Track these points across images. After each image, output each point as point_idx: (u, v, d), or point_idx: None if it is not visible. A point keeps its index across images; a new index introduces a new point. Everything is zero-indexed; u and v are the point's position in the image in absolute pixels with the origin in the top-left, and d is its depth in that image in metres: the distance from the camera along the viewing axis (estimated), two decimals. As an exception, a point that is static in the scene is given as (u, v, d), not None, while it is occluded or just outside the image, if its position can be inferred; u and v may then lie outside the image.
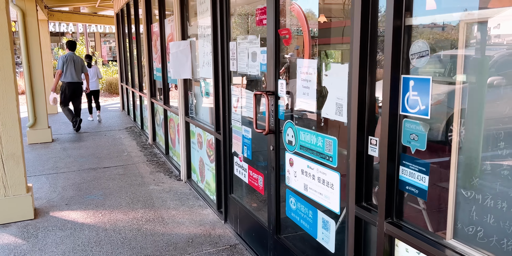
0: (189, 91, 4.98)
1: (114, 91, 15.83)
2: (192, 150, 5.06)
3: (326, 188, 2.31)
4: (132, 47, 9.46)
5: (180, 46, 4.67)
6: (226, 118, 3.70)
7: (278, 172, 2.89)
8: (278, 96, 2.76)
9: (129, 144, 7.52)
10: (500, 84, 1.45)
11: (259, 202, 3.57)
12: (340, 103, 2.13)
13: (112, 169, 5.86)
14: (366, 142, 1.96)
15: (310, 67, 2.37)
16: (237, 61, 3.41)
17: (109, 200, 4.60)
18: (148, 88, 7.19)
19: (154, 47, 6.70)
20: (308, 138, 2.45)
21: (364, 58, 1.90)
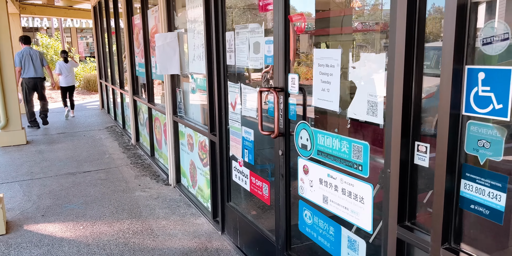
0: (177, 88, 4.56)
1: (92, 88, 15.17)
2: (181, 152, 4.64)
3: (354, 201, 1.95)
4: (112, 42, 8.93)
5: (167, 38, 4.23)
6: (223, 117, 3.30)
7: (289, 181, 2.52)
8: (288, 93, 2.38)
9: (110, 145, 7.03)
10: None
11: (264, 212, 3.20)
12: (374, 101, 1.76)
13: (93, 173, 5.39)
14: (412, 149, 1.60)
15: (331, 58, 2.00)
16: (235, 53, 3.01)
17: (91, 210, 4.15)
18: (130, 85, 6.71)
19: (136, 41, 6.23)
20: (329, 142, 2.08)
21: (410, 44, 1.53)
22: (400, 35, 1.54)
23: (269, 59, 2.55)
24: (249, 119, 2.96)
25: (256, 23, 2.75)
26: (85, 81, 15.50)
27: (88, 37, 32.37)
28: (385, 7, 1.83)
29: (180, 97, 4.52)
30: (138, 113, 6.79)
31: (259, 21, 2.78)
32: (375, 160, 1.86)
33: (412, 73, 1.56)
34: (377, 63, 1.73)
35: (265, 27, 2.64)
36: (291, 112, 2.39)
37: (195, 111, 4.22)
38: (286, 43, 2.35)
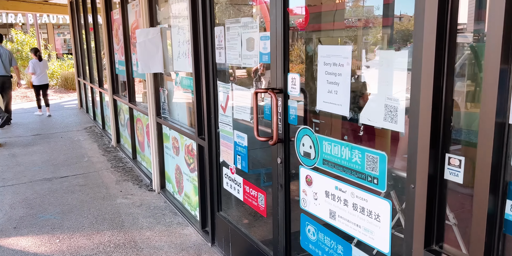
0: (161, 87, 4.26)
1: (70, 86, 14.64)
2: (166, 156, 4.36)
3: (368, 219, 1.72)
4: (90, 38, 8.52)
5: (149, 34, 3.93)
6: (212, 120, 3.03)
7: (288, 192, 2.27)
8: (288, 95, 2.14)
9: (89, 147, 6.67)
10: None
11: (259, 224, 2.95)
12: (393, 106, 1.53)
13: (70, 179, 5.05)
14: (442, 162, 1.38)
15: (340, 56, 1.76)
16: (226, 50, 2.75)
17: (68, 220, 3.83)
18: (110, 84, 6.36)
19: (115, 37, 5.88)
20: (337, 150, 1.84)
21: (441, 38, 1.30)
22: (429, 27, 1.30)
23: (265, 57, 2.30)
24: (242, 123, 2.71)
25: (249, 17, 2.49)
26: (63, 79, 14.94)
27: (65, 34, 31.46)
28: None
29: (164, 97, 4.23)
30: (118, 113, 6.45)
31: (253, 14, 2.53)
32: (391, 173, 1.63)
33: (443, 73, 1.33)
34: (399, 61, 1.49)
35: (259, 21, 2.38)
36: (291, 116, 2.15)
37: (181, 112, 3.93)
38: (285, 39, 2.10)
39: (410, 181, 1.47)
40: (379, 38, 1.91)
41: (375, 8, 1.88)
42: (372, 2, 1.88)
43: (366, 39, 1.92)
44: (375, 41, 1.87)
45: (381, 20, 1.84)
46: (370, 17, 1.89)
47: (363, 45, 1.81)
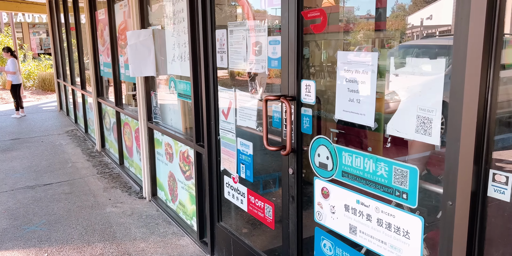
0: (153, 91, 4.10)
1: (48, 88, 14.19)
2: (157, 163, 4.19)
3: (395, 235, 1.63)
4: (71, 38, 8.24)
5: (140, 36, 3.77)
6: (212, 127, 2.90)
7: (301, 204, 2.17)
8: (301, 103, 2.03)
9: (72, 152, 6.42)
10: None
11: (264, 236, 2.84)
12: (427, 117, 1.44)
13: (55, 186, 4.82)
14: (485, 179, 1.29)
15: (364, 63, 1.66)
16: (228, 54, 2.62)
17: (56, 232, 3.63)
18: (94, 86, 6.13)
19: (101, 38, 5.67)
20: (359, 162, 1.74)
21: (488, 42, 1.21)
22: (476, 29, 1.21)
23: (275, 62, 2.19)
24: (246, 130, 2.59)
25: (233, 17, 2.38)
26: (40, 80, 14.47)
27: (41, 33, 30.63)
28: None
29: (156, 101, 4.06)
30: (103, 117, 6.23)
31: (237, 15, 2.41)
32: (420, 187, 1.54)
33: (488, 81, 1.24)
34: (435, 69, 1.40)
35: (268, 24, 2.27)
36: (304, 125, 2.04)
37: (175, 117, 3.78)
38: (299, 44, 1.99)
39: (447, 198, 1.38)
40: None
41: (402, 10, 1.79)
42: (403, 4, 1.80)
43: (391, 44, 1.82)
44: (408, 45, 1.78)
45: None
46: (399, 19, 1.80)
47: (391, 52, 1.72)
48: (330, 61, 2.38)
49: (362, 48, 1.97)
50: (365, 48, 2.00)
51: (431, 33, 1.82)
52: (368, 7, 2.05)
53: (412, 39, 1.76)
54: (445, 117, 1.38)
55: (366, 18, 2.17)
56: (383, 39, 1.90)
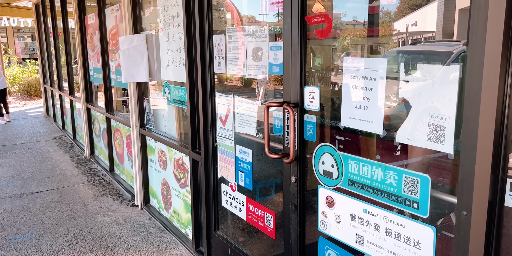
0: (145, 97, 4.02)
1: (34, 93, 13.95)
2: (150, 170, 4.11)
3: (405, 246, 1.59)
4: (58, 43, 8.10)
5: (133, 41, 3.70)
6: (209, 134, 2.84)
7: (304, 213, 2.12)
8: (304, 109, 1.99)
9: (61, 159, 6.28)
10: None
11: (264, 245, 2.77)
12: (440, 125, 1.40)
13: (43, 194, 4.69)
14: (502, 188, 1.26)
15: (372, 69, 1.63)
16: (227, 60, 2.58)
17: (46, 242, 3.51)
18: (83, 92, 6.02)
19: (90, 43, 5.58)
20: (366, 171, 1.70)
21: (507, 47, 1.19)
22: (494, 34, 1.18)
23: (276, 68, 2.14)
24: (245, 137, 2.54)
25: (256, 25, 2.34)
26: (26, 85, 14.21)
27: (25, 37, 30.22)
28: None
29: (149, 107, 3.99)
30: (92, 123, 6.12)
31: (260, 22, 2.37)
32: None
33: (506, 87, 1.21)
34: (448, 75, 1.37)
35: (269, 29, 2.23)
36: (308, 132, 2.00)
37: (169, 124, 3.71)
38: (302, 49, 1.95)
39: (462, 208, 1.34)
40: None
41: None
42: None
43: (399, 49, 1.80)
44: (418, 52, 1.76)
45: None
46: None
47: (402, 58, 1.69)
48: (332, 66, 2.35)
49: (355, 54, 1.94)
50: (352, 53, 1.98)
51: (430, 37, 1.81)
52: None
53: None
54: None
55: (361, 24, 2.15)
56: (390, 44, 1.88)
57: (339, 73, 2.26)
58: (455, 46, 1.84)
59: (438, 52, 1.73)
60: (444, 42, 1.91)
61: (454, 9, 1.82)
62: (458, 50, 1.62)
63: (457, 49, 1.66)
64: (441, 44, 1.90)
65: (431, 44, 1.99)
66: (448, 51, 1.67)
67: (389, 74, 1.59)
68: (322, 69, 2.51)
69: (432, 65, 1.44)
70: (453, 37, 1.90)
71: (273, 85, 3.03)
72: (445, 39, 1.92)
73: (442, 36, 1.91)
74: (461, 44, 1.86)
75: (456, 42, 1.89)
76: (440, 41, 1.92)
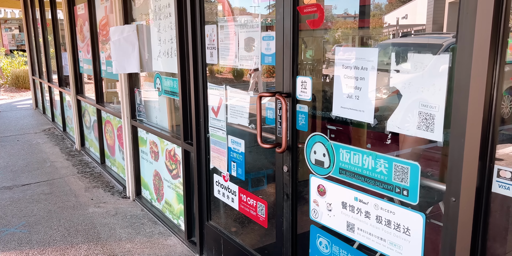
0: (136, 88, 4.00)
1: (22, 85, 13.77)
2: (142, 161, 4.11)
3: (395, 232, 1.62)
4: (47, 34, 7.99)
5: (124, 31, 3.67)
6: (201, 125, 2.85)
7: (296, 202, 2.14)
8: (296, 99, 2.00)
9: (51, 151, 6.24)
10: None
11: (255, 235, 2.80)
12: (430, 113, 1.43)
13: (33, 186, 4.67)
14: (490, 174, 1.29)
15: (364, 59, 1.65)
16: (219, 50, 2.57)
17: (37, 234, 3.51)
18: (73, 84, 5.97)
19: (80, 33, 5.52)
20: (357, 159, 1.73)
21: (495, 35, 1.21)
22: (483, 23, 1.21)
23: (268, 58, 2.15)
24: (237, 127, 2.55)
25: (248, 15, 2.34)
26: (14, 77, 14.01)
27: (13, 29, 29.72)
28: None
29: (140, 98, 3.97)
30: (83, 115, 6.07)
31: (252, 14, 2.37)
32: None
33: (494, 76, 1.24)
34: (437, 65, 1.39)
35: (261, 20, 2.23)
36: (300, 122, 2.02)
37: (160, 115, 3.70)
38: (295, 39, 1.96)
39: (450, 194, 1.37)
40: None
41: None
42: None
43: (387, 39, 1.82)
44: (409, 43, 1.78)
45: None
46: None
47: (393, 50, 1.71)
48: (324, 58, 2.37)
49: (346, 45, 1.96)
50: (343, 45, 2.00)
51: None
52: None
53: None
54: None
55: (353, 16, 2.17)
56: (381, 35, 1.90)
57: (330, 65, 2.29)
58: (445, 39, 1.87)
59: (428, 45, 1.75)
60: (434, 35, 1.94)
61: (444, 2, 1.85)
62: (448, 42, 1.65)
63: (446, 42, 1.69)
64: (431, 37, 1.93)
65: (421, 37, 2.01)
66: (438, 43, 1.69)
67: (379, 66, 1.61)
68: (314, 61, 2.52)
69: (422, 55, 1.46)
70: (443, 30, 1.93)
71: (264, 78, 3.04)
72: (435, 32, 1.95)
73: (432, 29, 1.94)
74: (451, 36, 1.89)
75: (446, 34, 1.92)
76: (430, 33, 1.95)
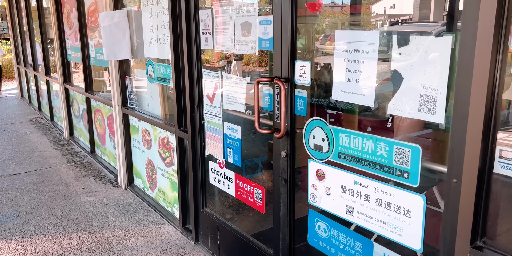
0: (127, 76, 3.94)
1: (6, 74, 13.47)
2: (134, 150, 4.07)
3: (395, 215, 1.64)
4: (32, 22, 7.81)
5: (114, 17, 3.60)
6: (196, 111, 2.82)
7: (294, 187, 2.15)
8: (295, 84, 1.99)
9: (39, 140, 6.14)
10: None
11: (253, 220, 2.81)
12: (431, 96, 1.44)
13: (22, 176, 4.60)
14: (492, 155, 1.31)
15: (365, 42, 1.64)
16: (214, 35, 2.54)
17: (28, 223, 3.47)
18: (60, 72, 5.86)
19: (67, 20, 5.40)
20: (358, 143, 1.73)
21: (500, 17, 1.21)
22: (487, 4, 1.21)
23: (266, 43, 2.13)
24: (233, 114, 2.53)
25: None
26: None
27: (-6, 17, 28.94)
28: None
29: (131, 86, 3.92)
30: (71, 104, 5.98)
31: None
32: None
33: (498, 57, 1.24)
34: (440, 47, 1.39)
35: (258, 3, 2.20)
36: (298, 107, 2.01)
37: (153, 102, 3.66)
38: (293, 23, 1.94)
39: (452, 176, 1.39)
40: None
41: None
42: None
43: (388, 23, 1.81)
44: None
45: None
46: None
47: (383, 38, 1.70)
48: (313, 47, 2.36)
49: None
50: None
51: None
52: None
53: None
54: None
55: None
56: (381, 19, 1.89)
57: (326, 52, 2.28)
58: (434, 27, 1.88)
59: (417, 33, 1.76)
60: (423, 23, 1.95)
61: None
62: (436, 30, 1.65)
63: (435, 30, 1.70)
64: (420, 25, 1.94)
65: (410, 25, 2.02)
66: (427, 31, 1.69)
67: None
68: (310, 47, 2.51)
69: (423, 37, 1.46)
70: (429, 19, 1.94)
71: (252, 67, 3.02)
72: (422, 20, 1.96)
73: (419, 18, 1.95)
74: (439, 25, 1.90)
75: (434, 23, 1.93)
76: (417, 22, 1.96)
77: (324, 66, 2.29)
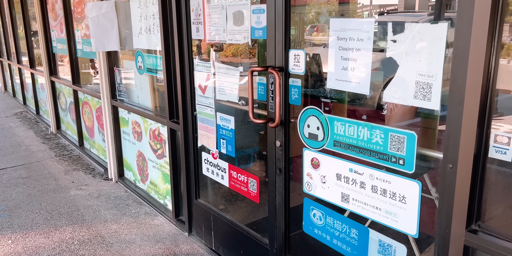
0: (116, 67, 3.89)
1: (-12, 68, 13.17)
2: (124, 142, 4.03)
3: (391, 201, 1.66)
4: (14, 13, 7.63)
5: (102, 8, 3.53)
6: (188, 102, 2.81)
7: (288, 176, 2.16)
8: (289, 73, 1.99)
9: (25, 134, 6.05)
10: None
11: (247, 210, 2.82)
12: (427, 83, 1.45)
13: (10, 171, 4.53)
14: (486, 141, 1.33)
15: (360, 30, 1.64)
16: (205, 25, 2.52)
17: (18, 218, 3.42)
18: (46, 64, 5.75)
19: (52, 12, 5.29)
20: (353, 131, 1.74)
21: (494, 9, 1.23)
22: (483, -2, 1.22)
23: (259, 32, 2.12)
24: (226, 104, 2.52)
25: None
26: (-22, 60, 13.38)
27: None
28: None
29: (120, 77, 3.87)
30: (58, 97, 5.88)
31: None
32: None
33: (493, 44, 1.26)
34: (435, 33, 1.40)
35: (251, -8, 2.18)
36: (293, 96, 2.01)
37: (142, 94, 3.62)
38: (287, 12, 1.93)
39: (447, 161, 1.41)
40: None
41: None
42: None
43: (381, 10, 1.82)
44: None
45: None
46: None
47: (388, 17, 1.71)
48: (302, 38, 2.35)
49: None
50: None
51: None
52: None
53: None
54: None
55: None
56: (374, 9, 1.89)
57: (314, 43, 2.28)
58: (420, 17, 1.89)
59: (404, 23, 1.77)
60: (410, 13, 1.96)
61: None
62: (423, 20, 1.66)
63: (422, 20, 1.71)
64: (407, 15, 1.95)
65: (397, 15, 2.03)
66: (414, 21, 1.71)
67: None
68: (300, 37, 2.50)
69: (418, 24, 1.46)
70: (415, 9, 1.96)
71: (240, 59, 3.01)
72: (408, 10, 1.97)
73: (404, 8, 1.97)
74: (426, 15, 1.92)
75: (419, 13, 1.95)
76: (403, 12, 1.97)
77: (313, 57, 2.30)
